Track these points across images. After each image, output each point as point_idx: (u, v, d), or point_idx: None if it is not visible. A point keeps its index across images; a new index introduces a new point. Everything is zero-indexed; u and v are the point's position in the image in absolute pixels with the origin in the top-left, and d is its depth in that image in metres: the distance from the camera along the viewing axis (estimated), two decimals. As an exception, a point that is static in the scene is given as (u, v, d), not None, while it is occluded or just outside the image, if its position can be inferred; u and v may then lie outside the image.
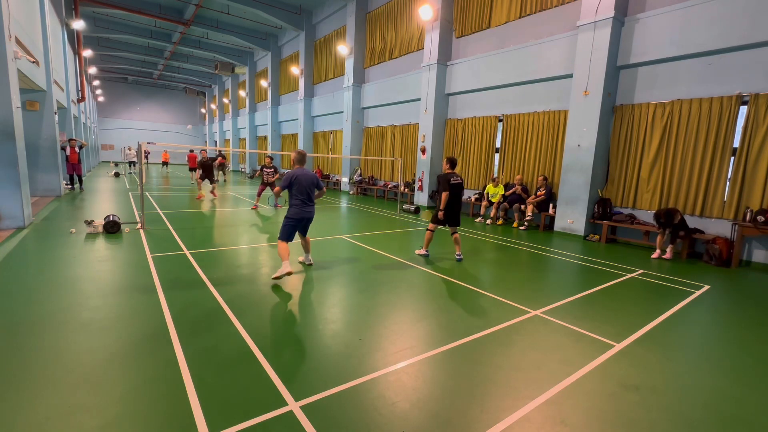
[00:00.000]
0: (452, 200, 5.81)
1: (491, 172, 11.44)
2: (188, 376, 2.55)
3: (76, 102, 18.16)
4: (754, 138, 6.60)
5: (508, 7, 10.48)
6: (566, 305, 4.26)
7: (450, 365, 2.89)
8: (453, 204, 5.85)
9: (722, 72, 6.96)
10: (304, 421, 2.17)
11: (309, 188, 4.84)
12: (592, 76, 8.26)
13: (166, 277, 4.59)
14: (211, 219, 9.05)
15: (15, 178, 6.66)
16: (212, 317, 3.52)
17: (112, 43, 25.74)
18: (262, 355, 2.87)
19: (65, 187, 12.55)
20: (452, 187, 5.76)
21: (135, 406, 2.25)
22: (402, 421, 2.22)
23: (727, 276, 5.94)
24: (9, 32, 6.48)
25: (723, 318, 4.25)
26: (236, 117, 33.18)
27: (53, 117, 10.92)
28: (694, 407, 2.52)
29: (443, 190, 5.78)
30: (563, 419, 2.31)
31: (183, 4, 19.61)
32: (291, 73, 22.66)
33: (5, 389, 2.36)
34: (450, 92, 12.40)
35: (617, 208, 8.57)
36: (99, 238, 6.36)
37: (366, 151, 16.94)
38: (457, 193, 5.86)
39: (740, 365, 3.14)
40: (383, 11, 15.12)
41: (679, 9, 7.25)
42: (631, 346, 3.32)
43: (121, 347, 2.92)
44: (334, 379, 2.60)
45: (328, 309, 3.92)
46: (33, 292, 3.98)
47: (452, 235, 6.10)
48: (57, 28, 13.69)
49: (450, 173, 5.87)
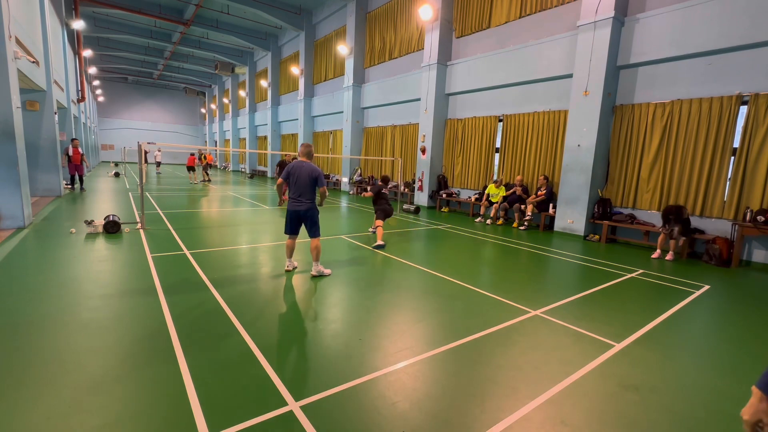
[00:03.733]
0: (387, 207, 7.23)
1: (491, 172, 11.44)
2: (188, 376, 2.55)
3: (76, 102, 18.17)
4: (754, 138, 6.60)
5: (508, 7, 10.49)
6: (566, 305, 4.26)
7: (450, 365, 2.89)
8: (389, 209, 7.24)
9: (722, 72, 6.96)
10: (304, 421, 2.17)
11: (306, 182, 4.68)
12: (592, 76, 8.26)
13: (166, 277, 4.59)
14: (212, 219, 9.05)
15: (15, 178, 6.66)
16: (212, 317, 3.52)
17: (112, 43, 25.75)
18: (262, 355, 2.87)
19: (65, 187, 12.56)
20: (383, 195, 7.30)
21: (135, 406, 2.25)
22: (402, 421, 2.22)
23: (727, 276, 5.94)
24: (9, 32, 6.48)
25: (723, 318, 4.25)
26: (236, 117, 33.18)
27: (53, 117, 10.91)
28: (694, 407, 2.52)
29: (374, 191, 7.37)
30: (563, 419, 2.31)
31: (183, 4, 19.61)
32: (291, 73, 22.67)
33: (5, 389, 2.36)
34: (450, 92, 12.40)
35: (617, 208, 8.57)
36: (99, 238, 6.36)
37: (366, 151, 16.94)
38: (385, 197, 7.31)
39: (740, 365, 3.15)
40: (383, 11, 15.12)
41: (679, 9, 7.25)
42: (631, 346, 3.32)
43: (121, 347, 2.92)
44: (334, 379, 2.60)
45: (327, 309, 3.92)
46: (33, 292, 3.98)
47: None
48: (57, 28, 13.69)
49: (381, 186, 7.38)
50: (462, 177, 12.40)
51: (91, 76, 28.43)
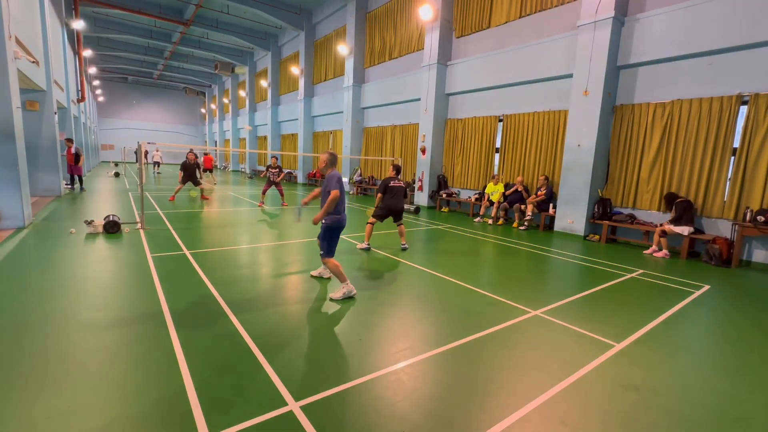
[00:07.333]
0: (393, 200, 6.50)
1: (491, 172, 11.43)
2: (188, 376, 2.55)
3: (76, 102, 18.16)
4: (754, 138, 6.60)
5: (508, 7, 10.48)
6: (566, 305, 4.26)
7: (450, 365, 2.89)
8: (394, 203, 6.52)
9: (722, 72, 6.96)
10: (304, 421, 2.17)
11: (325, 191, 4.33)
12: (592, 76, 8.26)
13: (166, 277, 4.59)
14: (211, 219, 9.05)
15: (15, 178, 6.66)
16: (212, 317, 3.52)
17: (112, 43, 25.74)
18: (262, 355, 2.86)
19: (65, 187, 12.55)
20: (391, 189, 6.48)
21: (135, 406, 2.25)
22: (402, 421, 2.22)
23: (727, 276, 5.93)
24: (9, 32, 6.48)
25: (723, 318, 4.25)
26: (236, 117, 33.18)
27: (53, 117, 10.91)
28: (694, 407, 2.52)
29: (380, 191, 6.60)
30: (563, 419, 2.31)
31: (183, 4, 19.61)
32: (291, 73, 22.66)
33: (5, 389, 2.36)
34: (450, 92, 12.40)
35: (617, 208, 8.57)
36: (99, 238, 6.36)
37: (366, 151, 16.94)
38: (397, 194, 6.54)
39: (740, 365, 3.14)
40: (383, 11, 15.12)
41: (679, 9, 7.25)
42: (631, 346, 3.32)
43: (121, 347, 2.92)
44: (334, 379, 2.60)
45: (328, 309, 3.91)
46: (33, 292, 3.97)
47: (398, 227, 6.70)
48: (57, 28, 13.68)
49: (391, 178, 6.55)
50: (462, 177, 12.40)
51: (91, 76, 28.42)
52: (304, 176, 21.41)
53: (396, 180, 6.51)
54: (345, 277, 4.17)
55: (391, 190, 6.45)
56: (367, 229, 6.50)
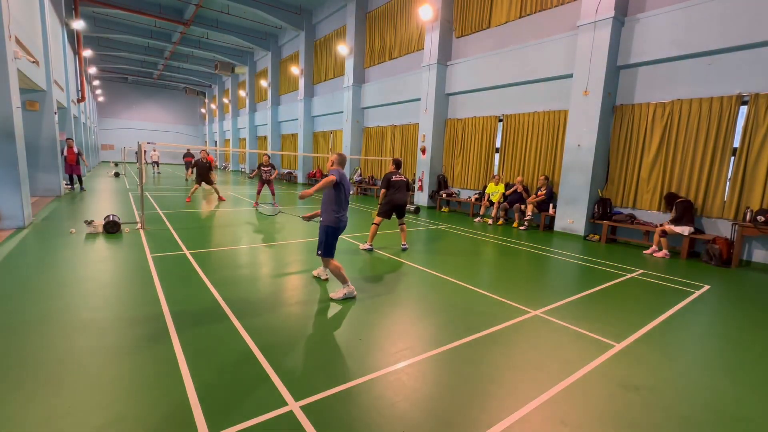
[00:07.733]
0: (397, 194, 6.46)
1: (491, 172, 11.43)
2: (188, 376, 2.55)
3: (76, 102, 18.16)
4: (754, 138, 6.60)
5: (508, 7, 10.48)
6: (566, 305, 4.26)
7: (450, 365, 2.89)
8: (398, 197, 6.48)
9: (722, 72, 6.96)
10: (304, 421, 2.17)
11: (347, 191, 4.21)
12: (592, 76, 8.26)
13: (166, 277, 4.59)
14: (211, 219, 9.05)
15: (15, 178, 6.66)
16: (212, 317, 3.52)
17: (112, 43, 25.75)
18: (262, 355, 2.86)
19: (65, 187, 12.55)
20: (394, 183, 6.43)
21: (135, 406, 2.25)
22: (402, 421, 2.22)
23: (727, 276, 5.93)
24: (9, 32, 6.48)
25: (723, 318, 4.25)
26: (236, 117, 33.18)
27: (53, 117, 10.91)
28: (694, 407, 2.52)
29: (383, 187, 6.52)
30: (563, 419, 2.31)
31: (183, 4, 19.61)
32: (291, 73, 22.67)
33: (5, 389, 2.36)
34: (450, 92, 12.40)
35: (617, 208, 8.57)
36: (99, 238, 6.36)
37: (366, 151, 16.94)
38: (400, 187, 6.49)
39: (740, 365, 3.14)
40: (383, 11, 15.11)
41: (679, 9, 7.25)
42: (631, 346, 3.32)
43: (121, 347, 2.92)
44: (334, 379, 2.60)
45: (328, 309, 3.91)
46: (33, 292, 3.97)
47: (399, 226, 6.70)
48: (57, 28, 13.69)
49: (392, 173, 6.49)
50: (462, 177, 12.40)
51: (91, 76, 28.42)
52: (304, 176, 21.41)
53: (397, 174, 6.53)
54: (346, 278, 4.14)
55: (394, 185, 6.46)
56: (372, 230, 6.45)
